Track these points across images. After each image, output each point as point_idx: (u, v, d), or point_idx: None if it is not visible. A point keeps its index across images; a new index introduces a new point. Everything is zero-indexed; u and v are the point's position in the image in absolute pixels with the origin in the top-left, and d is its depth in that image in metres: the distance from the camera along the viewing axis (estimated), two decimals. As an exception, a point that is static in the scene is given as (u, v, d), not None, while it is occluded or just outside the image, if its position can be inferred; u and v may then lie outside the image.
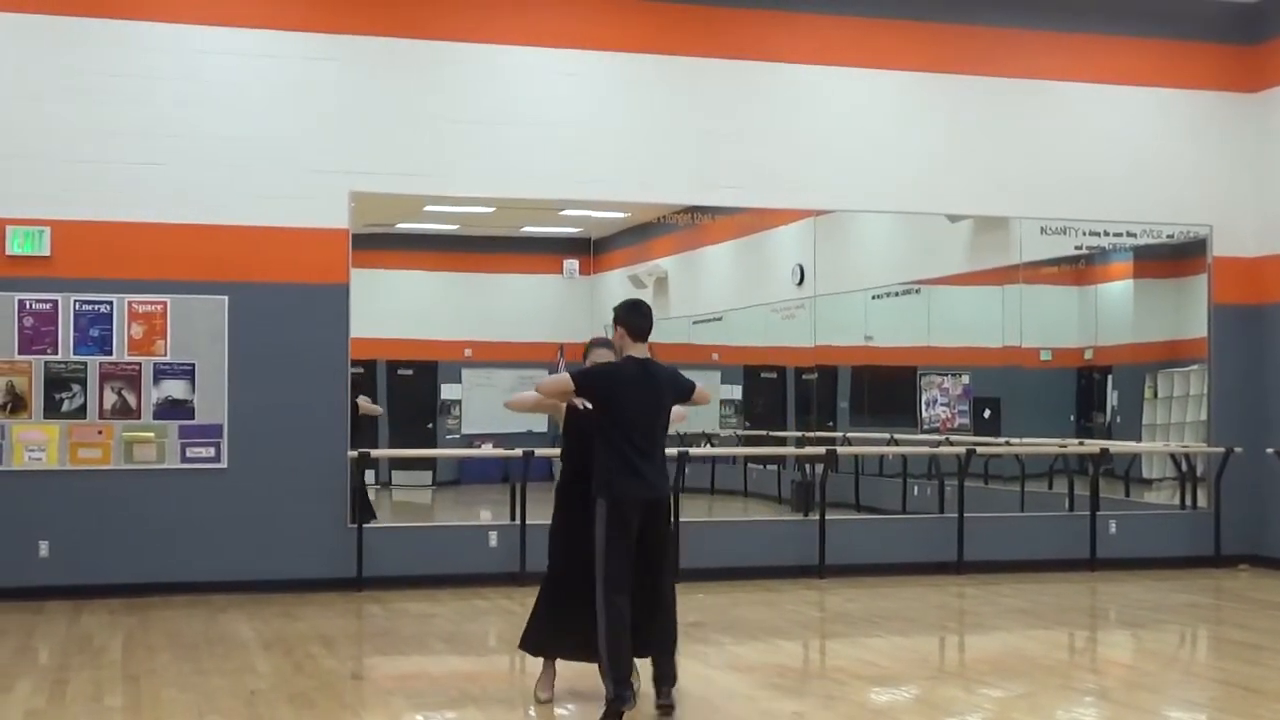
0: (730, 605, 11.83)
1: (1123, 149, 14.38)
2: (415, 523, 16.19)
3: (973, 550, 13.62)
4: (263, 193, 12.24)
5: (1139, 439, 15.52)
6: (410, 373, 20.05)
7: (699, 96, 13.36)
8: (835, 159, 13.65)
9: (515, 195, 13.30)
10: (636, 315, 7.89)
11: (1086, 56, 14.32)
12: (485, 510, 15.12)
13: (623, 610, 7.56)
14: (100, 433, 11.93)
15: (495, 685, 8.96)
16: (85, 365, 11.92)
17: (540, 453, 12.89)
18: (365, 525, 12.43)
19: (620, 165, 13.14)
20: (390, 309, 17.77)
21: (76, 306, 11.92)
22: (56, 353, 11.87)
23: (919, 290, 16.17)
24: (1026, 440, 15.26)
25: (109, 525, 11.90)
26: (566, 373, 7.78)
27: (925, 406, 16.24)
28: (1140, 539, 14.23)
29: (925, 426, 16.17)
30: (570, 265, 19.60)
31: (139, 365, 12.01)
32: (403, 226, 17.98)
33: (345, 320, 12.45)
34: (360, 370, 14.79)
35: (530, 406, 8.17)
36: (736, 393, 18.40)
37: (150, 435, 12.01)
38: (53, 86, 11.89)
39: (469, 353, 20.18)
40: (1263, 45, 14.57)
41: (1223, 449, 14.29)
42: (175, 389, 12.07)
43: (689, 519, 13.11)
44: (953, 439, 15.34)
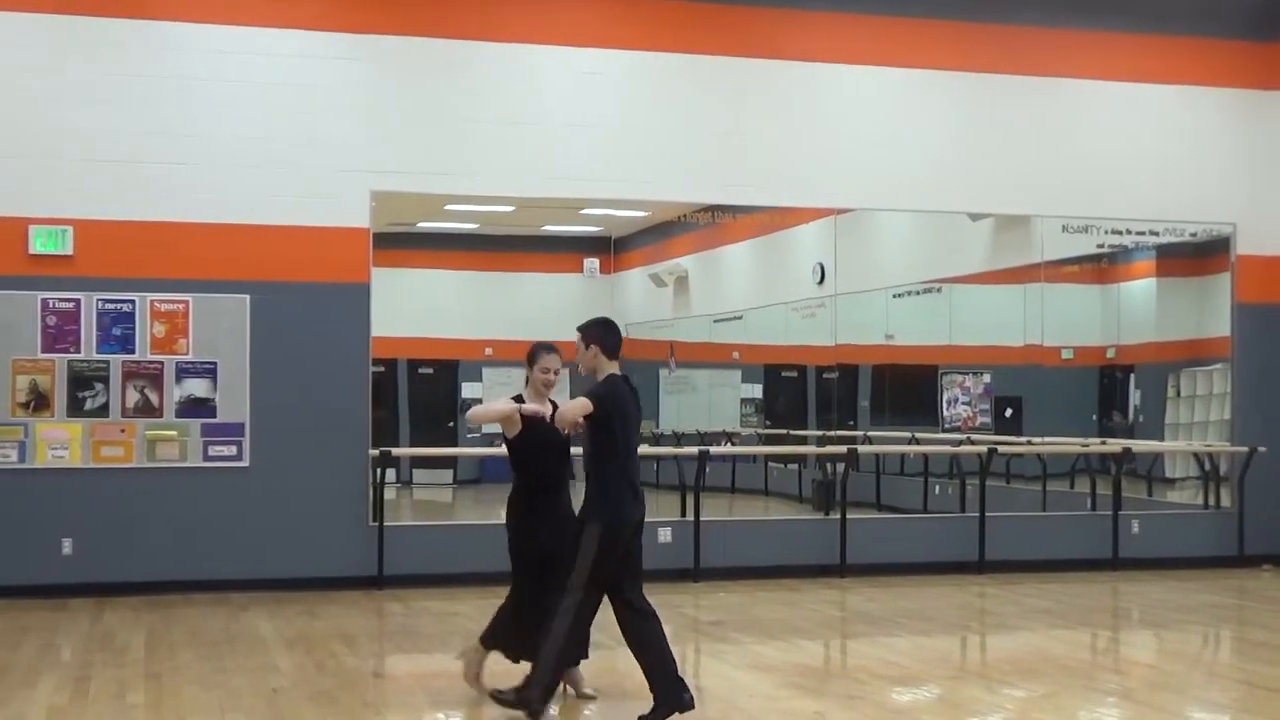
0: (751, 604, 11.82)
1: (1145, 146, 14.32)
2: (436, 521, 16.24)
3: (994, 550, 13.58)
4: (284, 192, 12.27)
5: (1162, 438, 15.47)
6: (431, 371, 20.08)
7: (719, 95, 13.35)
8: (856, 157, 13.63)
9: (536, 194, 13.31)
10: (611, 334, 7.74)
11: (1108, 54, 14.26)
12: (505, 509, 15.08)
13: (588, 631, 7.54)
14: (123, 431, 11.97)
15: (516, 683, 8.94)
16: (108, 364, 11.96)
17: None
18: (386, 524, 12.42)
19: (640, 164, 13.13)
20: (411, 308, 17.79)
21: (99, 305, 11.96)
22: (79, 351, 11.91)
23: (940, 289, 16.14)
24: (1048, 439, 15.23)
25: (131, 523, 11.93)
26: (583, 397, 7.45)
27: (946, 405, 16.21)
28: (1163, 539, 14.17)
29: (946, 425, 16.13)
30: (591, 264, 19.58)
31: (161, 364, 12.05)
32: (424, 225, 18.00)
33: (366, 319, 12.47)
34: (381, 369, 14.82)
35: (494, 418, 7.99)
36: (757, 392, 18.38)
37: (173, 434, 12.05)
38: (75, 86, 11.94)
39: (489, 351, 20.19)
40: (1286, 42, 14.52)
41: (1246, 448, 14.24)
42: (197, 388, 12.10)
43: (709, 518, 13.09)
44: (974, 438, 15.30)
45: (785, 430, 17.49)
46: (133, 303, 12.01)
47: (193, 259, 12.10)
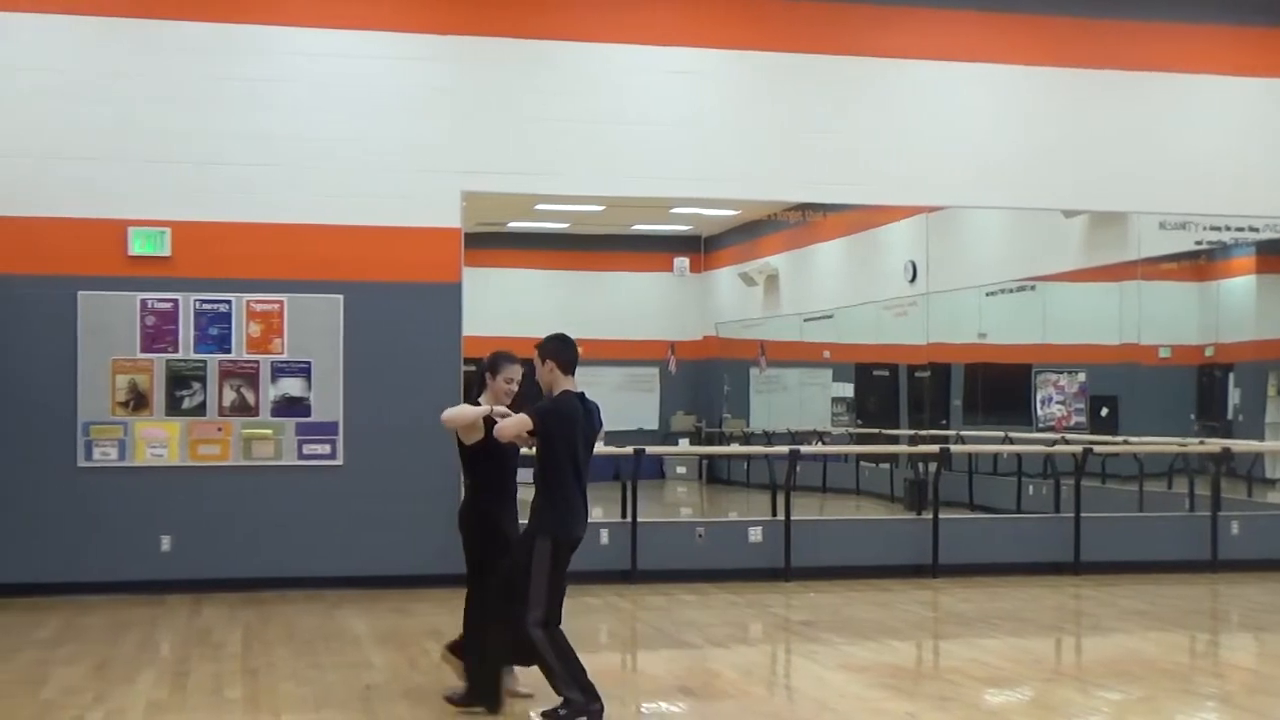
0: (842, 604, 11.76)
1: (1244, 141, 14.06)
2: (526, 520, 16.29)
3: (1090, 551, 13.40)
4: (376, 193, 12.38)
5: (1262, 438, 15.19)
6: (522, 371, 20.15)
7: (809, 92, 13.28)
8: (948, 154, 13.50)
9: (625, 193, 13.32)
10: (567, 349, 7.81)
11: (1205, 46, 14.02)
12: (596, 507, 15.13)
13: (554, 633, 7.57)
14: (219, 430, 12.13)
15: (606, 682, 8.94)
16: (205, 363, 12.13)
17: (651, 450, 12.89)
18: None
19: (731, 162, 13.10)
20: (502, 307, 17.89)
21: (196, 306, 12.14)
22: (177, 351, 12.08)
23: (1034, 287, 15.97)
24: (1145, 439, 15.00)
25: (228, 520, 12.09)
26: (524, 414, 7.57)
27: (1040, 404, 16.04)
28: (1263, 540, 13.90)
29: (1040, 425, 15.96)
30: (680, 263, 19.60)
31: (257, 363, 12.20)
32: (514, 225, 18.12)
33: (458, 319, 12.54)
34: (473, 368, 14.92)
35: (463, 425, 7.95)
36: (848, 390, 18.31)
37: (268, 432, 12.19)
38: (172, 90, 12.11)
39: (580, 351, 20.26)
40: (1391, 33, 14.20)
41: (1350, 448, 13.95)
42: (292, 387, 12.24)
43: (800, 518, 13.04)
44: (1069, 438, 15.12)
45: (877, 429, 17.41)
46: (229, 303, 12.17)
47: (287, 260, 12.24)
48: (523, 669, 7.94)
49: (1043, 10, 13.71)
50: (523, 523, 7.83)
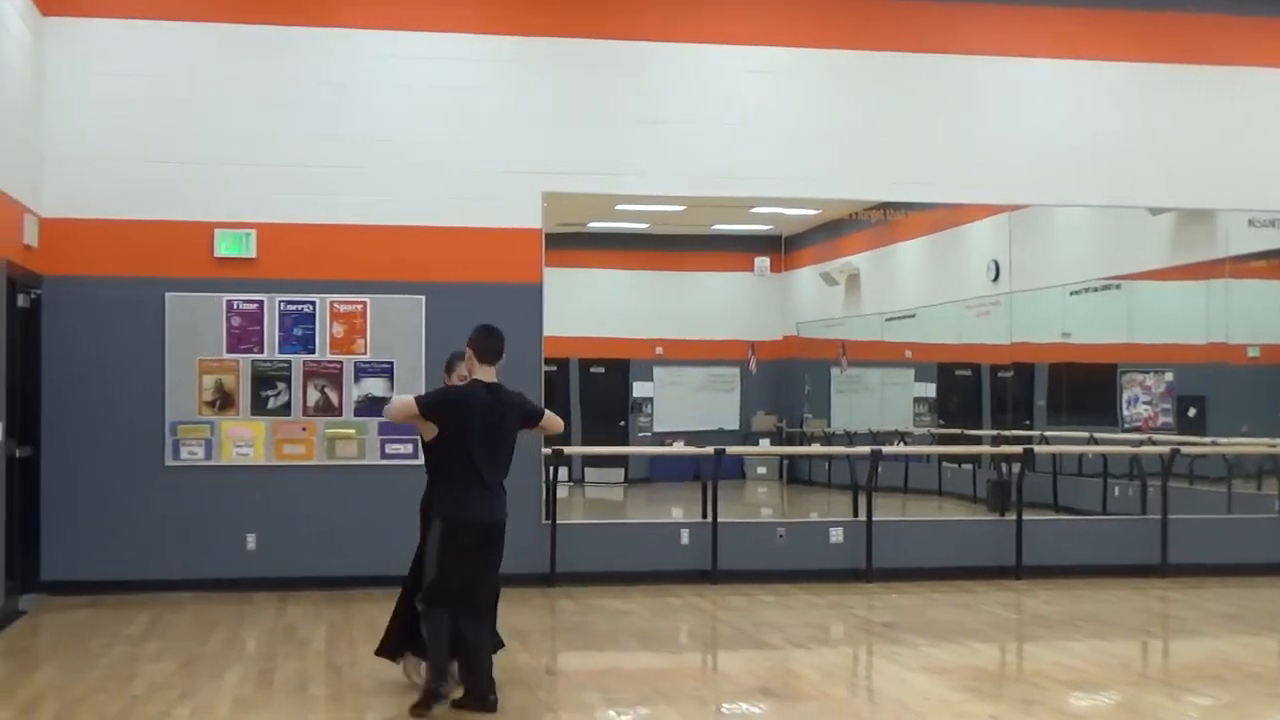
0: (924, 606, 11.68)
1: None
2: (607, 520, 16.34)
3: (1177, 553, 13.22)
4: (457, 194, 12.46)
5: (1355, 439, 14.90)
6: (602, 371, 20.25)
7: (890, 91, 13.21)
8: (1031, 152, 13.36)
9: (705, 193, 13.32)
10: (486, 338, 7.98)
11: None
12: (677, 508, 15.17)
13: (441, 621, 7.73)
14: (304, 429, 12.26)
15: (688, 683, 8.98)
16: (289, 364, 12.26)
17: (732, 451, 12.87)
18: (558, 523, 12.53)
19: (811, 162, 13.05)
20: (582, 307, 17.97)
21: (281, 306, 12.27)
22: (262, 351, 12.23)
23: (1119, 285, 15.78)
24: (1234, 440, 14.77)
25: (312, 519, 12.21)
26: (410, 396, 8.10)
27: (1126, 405, 15.85)
28: (1356, 543, 13.65)
29: (1126, 425, 15.77)
30: (761, 263, 19.58)
31: (340, 364, 12.32)
32: (594, 225, 18.16)
33: (539, 319, 12.59)
34: (553, 368, 14.96)
35: (401, 417, 8.13)
36: (930, 390, 18.20)
37: (351, 432, 12.30)
38: (255, 94, 12.27)
39: (660, 351, 20.30)
40: None
41: None
42: (375, 387, 12.34)
43: (882, 518, 12.97)
44: (1156, 438, 14.92)
45: (959, 430, 17.28)
46: (313, 304, 12.30)
47: (370, 260, 12.35)
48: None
49: (1128, 5, 13.54)
50: None
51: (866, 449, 13.52)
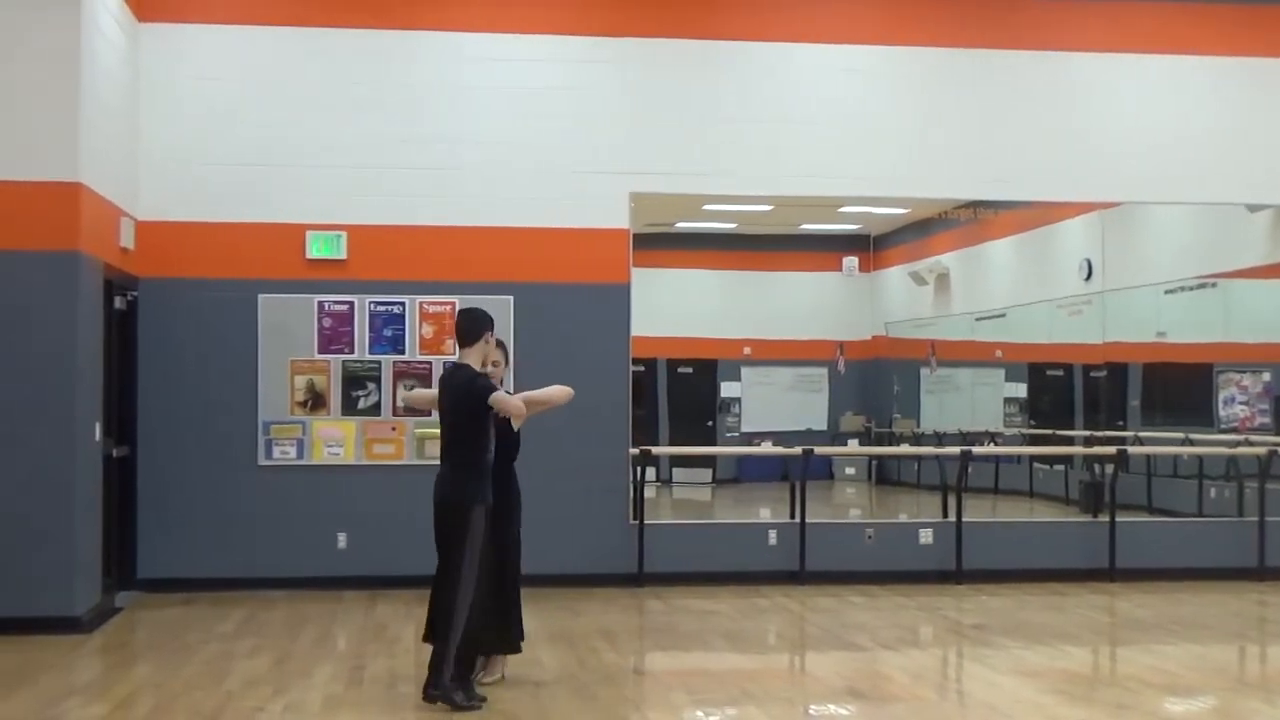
0: (1015, 608, 11.56)
1: None
2: (695, 520, 16.34)
3: (1275, 555, 12.98)
4: (545, 195, 12.50)
5: None
6: (690, 371, 20.25)
7: (979, 88, 13.08)
8: (1125, 149, 13.18)
9: (793, 193, 13.26)
10: (462, 321, 8.40)
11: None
12: (765, 508, 15.14)
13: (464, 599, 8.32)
14: (393, 429, 12.36)
15: (776, 684, 8.95)
16: (379, 364, 12.37)
17: (820, 451, 12.81)
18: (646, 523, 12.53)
19: (899, 160, 12.96)
20: (670, 308, 17.99)
21: (371, 307, 12.38)
22: (353, 352, 12.35)
23: (1215, 284, 15.52)
24: (1334, 441, 14.47)
25: (402, 518, 12.26)
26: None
27: (1222, 405, 15.57)
28: None
29: (1222, 426, 15.50)
30: (849, 262, 19.49)
31: (429, 364, 12.40)
32: (682, 225, 18.17)
33: (626, 319, 12.61)
34: (641, 368, 14.99)
35: (418, 406, 8.86)
36: (1021, 391, 18.02)
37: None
38: (346, 97, 12.39)
39: (748, 351, 20.27)
40: None
41: None
42: (464, 387, 12.38)
43: (972, 519, 12.86)
44: (1253, 439, 14.65)
45: (1051, 430, 17.10)
46: (403, 304, 12.40)
47: (458, 261, 12.43)
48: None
49: (1225, -1, 13.33)
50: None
51: (956, 449, 13.40)
